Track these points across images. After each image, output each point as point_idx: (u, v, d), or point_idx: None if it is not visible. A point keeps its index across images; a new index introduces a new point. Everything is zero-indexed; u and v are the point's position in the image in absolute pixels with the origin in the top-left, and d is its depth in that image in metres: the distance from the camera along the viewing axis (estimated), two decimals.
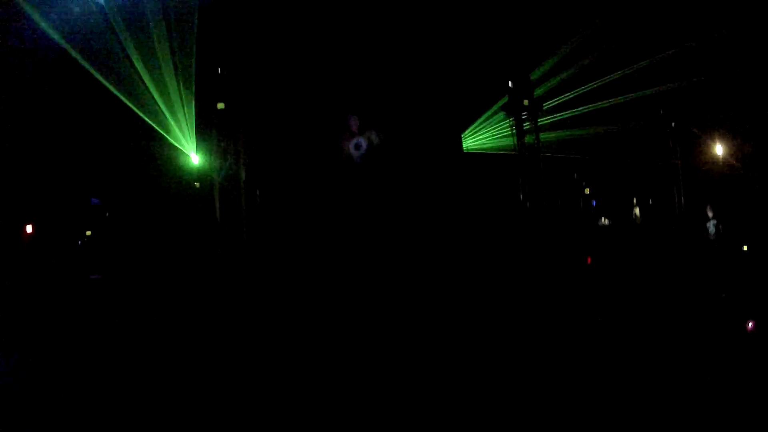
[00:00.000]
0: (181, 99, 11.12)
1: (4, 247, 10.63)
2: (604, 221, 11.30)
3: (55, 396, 5.86)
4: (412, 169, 11.59)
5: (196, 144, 11.20)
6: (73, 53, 10.36)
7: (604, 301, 8.21)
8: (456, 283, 9.51)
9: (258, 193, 11.73)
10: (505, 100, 11.32)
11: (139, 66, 10.86)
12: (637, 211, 11.29)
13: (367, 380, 5.80)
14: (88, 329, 8.40)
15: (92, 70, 10.61)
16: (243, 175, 11.58)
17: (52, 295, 10.02)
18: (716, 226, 10.54)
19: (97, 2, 10.48)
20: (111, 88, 10.70)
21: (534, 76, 11.24)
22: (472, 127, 11.86)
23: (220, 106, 11.31)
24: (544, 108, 11.14)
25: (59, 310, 9.36)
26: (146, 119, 11.04)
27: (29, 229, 11.01)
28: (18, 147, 10.73)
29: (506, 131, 11.43)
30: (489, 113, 11.68)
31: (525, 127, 11.12)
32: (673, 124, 10.76)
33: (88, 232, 11.43)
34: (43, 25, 10.34)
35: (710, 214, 10.53)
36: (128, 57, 10.75)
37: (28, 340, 8.00)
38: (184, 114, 11.18)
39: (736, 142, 10.53)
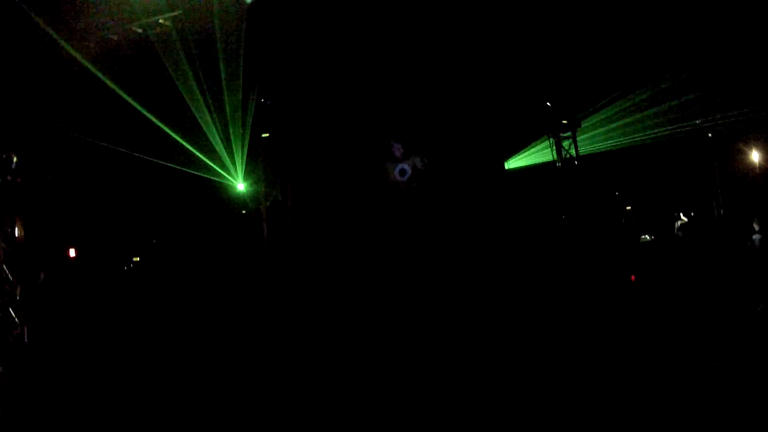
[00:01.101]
0: (230, 129, 11.46)
1: (51, 270, 10.82)
2: (646, 237, 11.33)
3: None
4: (457, 193, 11.73)
5: (244, 172, 11.50)
6: (120, 81, 10.76)
7: (648, 318, 8.20)
8: (501, 305, 9.50)
9: (304, 219, 11.90)
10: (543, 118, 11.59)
11: (186, 95, 11.24)
12: (678, 224, 11.31)
13: (415, 398, 5.90)
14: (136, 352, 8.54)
15: (137, 103, 11.02)
16: (289, 202, 11.81)
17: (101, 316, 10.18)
18: (762, 239, 10.51)
19: (146, 35, 10.93)
20: (152, 117, 11.07)
21: (571, 94, 11.48)
22: (515, 154, 12.08)
23: (265, 135, 11.64)
24: (583, 125, 11.37)
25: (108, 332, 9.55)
26: (195, 150, 11.39)
27: (72, 252, 11.23)
28: (70, 173, 11.05)
29: (547, 149, 11.63)
30: (531, 140, 11.91)
31: (564, 146, 11.34)
32: (710, 134, 10.87)
33: (136, 258, 11.62)
34: (96, 58, 10.76)
35: (756, 227, 10.53)
36: (175, 87, 11.16)
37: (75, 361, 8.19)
38: (233, 144, 11.50)
39: None
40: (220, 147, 11.61)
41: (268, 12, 11.43)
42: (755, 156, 10.73)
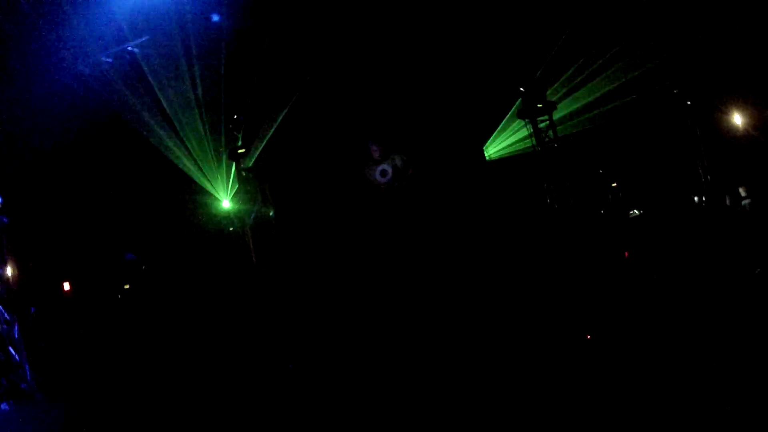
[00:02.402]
0: (212, 146, 11.53)
1: (46, 305, 10.96)
2: (635, 212, 11.11)
3: None
4: (440, 189, 11.63)
5: (230, 191, 11.56)
6: (106, 106, 10.91)
7: (647, 295, 7.98)
8: (494, 298, 9.34)
9: (288, 231, 11.88)
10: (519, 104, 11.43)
11: (168, 115, 11.34)
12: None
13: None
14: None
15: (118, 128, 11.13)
16: (272, 214, 11.80)
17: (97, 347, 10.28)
18: (752, 203, 10.25)
19: (130, 53, 11.04)
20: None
21: (544, 74, 11.32)
22: (492, 138, 11.93)
23: (241, 150, 11.64)
24: (558, 106, 11.20)
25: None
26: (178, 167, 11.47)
27: (66, 286, 11.37)
28: (51, 205, 11.18)
29: (525, 134, 11.46)
30: (506, 121, 11.77)
31: (541, 127, 11.16)
32: (688, 102, 10.59)
33: (126, 286, 11.68)
34: (72, 75, 10.88)
35: (743, 193, 10.27)
36: (158, 106, 11.26)
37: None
38: (217, 162, 11.58)
39: (757, 112, 10.32)
40: (202, 166, 11.69)
41: (237, 25, 11.51)
42: (737, 119, 10.44)
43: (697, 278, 8.06)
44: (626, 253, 10.50)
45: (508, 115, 11.79)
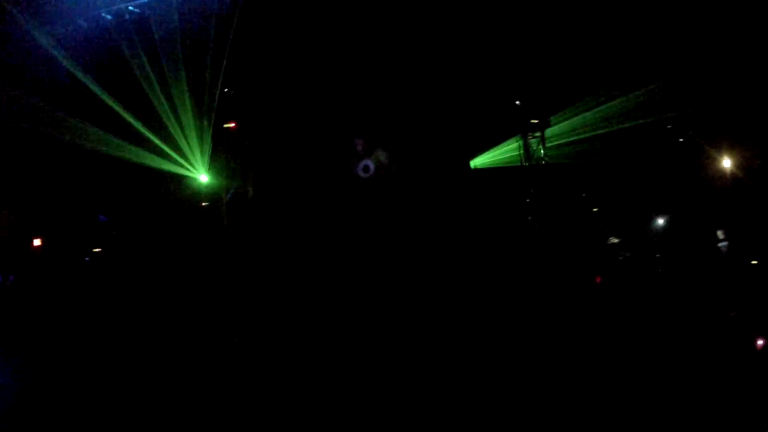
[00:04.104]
0: (193, 119, 11.31)
1: (15, 260, 10.83)
2: (614, 240, 11.11)
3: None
4: (421, 190, 11.54)
5: (207, 164, 11.37)
6: (83, 70, 10.65)
7: (613, 318, 8.02)
8: (464, 302, 9.36)
9: (265, 212, 11.76)
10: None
11: (149, 85, 11.11)
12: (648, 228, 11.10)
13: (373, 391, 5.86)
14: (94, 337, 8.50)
15: (98, 89, 10.89)
16: (251, 194, 11.67)
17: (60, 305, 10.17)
18: (728, 246, 10.29)
19: (107, 18, 10.79)
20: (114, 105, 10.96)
21: (541, 94, 11.24)
22: (481, 153, 11.87)
23: (229, 125, 11.48)
24: (552, 125, 11.13)
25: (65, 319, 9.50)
26: (156, 139, 11.26)
27: (37, 242, 11.21)
28: (27, 162, 10.98)
29: (514, 149, 11.41)
30: (496, 133, 11.70)
31: (532, 146, 11.11)
32: (681, 139, 10.62)
33: (96, 249, 11.53)
34: (50, 40, 10.62)
35: (721, 236, 10.30)
36: (139, 76, 11.02)
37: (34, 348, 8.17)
38: (195, 134, 11.36)
39: (745, 156, 10.35)
40: (182, 138, 11.48)
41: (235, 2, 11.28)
42: (725, 162, 10.46)
43: (667, 314, 8.06)
44: (598, 278, 10.54)
45: (501, 131, 11.66)
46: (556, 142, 11.46)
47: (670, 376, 5.68)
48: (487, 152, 11.87)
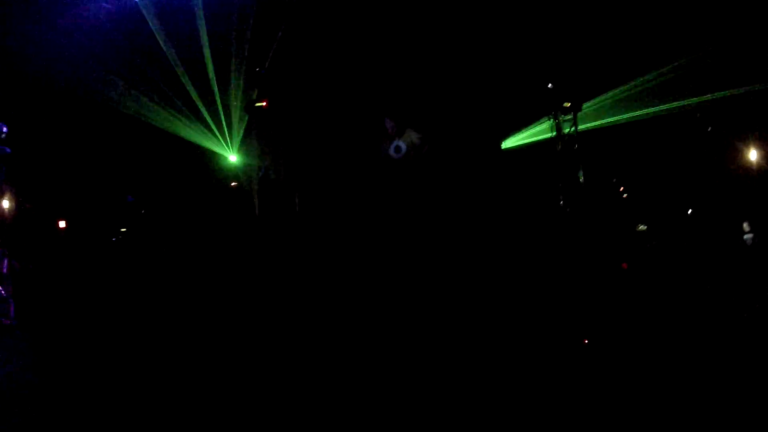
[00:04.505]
0: (223, 99, 11.03)
1: (41, 242, 10.57)
2: (642, 227, 11.43)
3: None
4: (453, 171, 11.59)
5: (238, 145, 11.17)
6: (114, 53, 10.25)
7: (637, 307, 8.25)
8: (494, 286, 9.56)
9: (297, 193, 11.67)
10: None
11: (178, 65, 10.75)
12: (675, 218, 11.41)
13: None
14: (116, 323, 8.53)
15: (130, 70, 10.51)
16: (282, 175, 11.54)
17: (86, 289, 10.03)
18: (754, 239, 10.58)
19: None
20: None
21: (574, 76, 11.26)
22: (512, 135, 11.91)
23: (259, 104, 11.22)
24: (584, 109, 11.22)
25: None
26: (186, 119, 10.98)
27: (62, 224, 10.96)
28: (55, 144, 10.61)
29: (545, 131, 11.50)
30: (528, 114, 11.73)
31: (564, 130, 11.21)
32: (709, 128, 10.86)
33: (123, 229, 11.33)
34: (77, 21, 10.15)
35: (747, 228, 10.65)
36: (168, 56, 10.64)
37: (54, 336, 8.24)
38: (226, 114, 11.11)
39: None
40: (212, 117, 11.23)
41: None
42: (752, 154, 10.78)
43: (691, 304, 8.27)
44: (624, 264, 10.86)
45: (531, 109, 11.69)
46: (588, 125, 11.56)
47: (689, 368, 5.82)
48: (518, 133, 11.92)
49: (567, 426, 4.79)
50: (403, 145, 11.26)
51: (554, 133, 11.36)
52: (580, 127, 11.32)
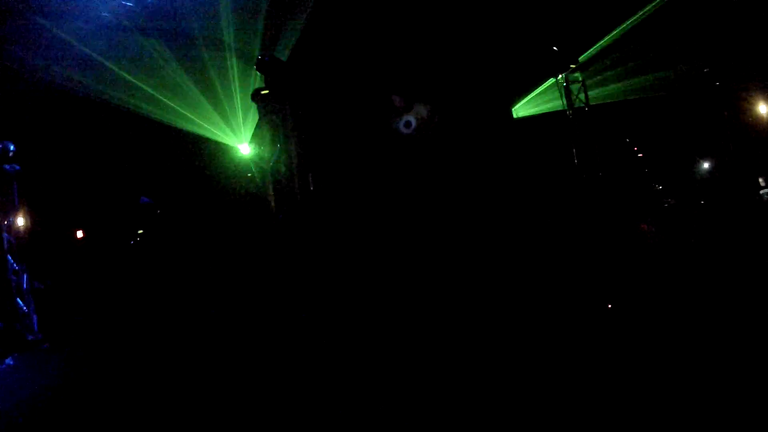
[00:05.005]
0: (231, 91, 10.78)
1: (58, 252, 10.46)
2: (657, 187, 11.53)
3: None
4: (465, 142, 11.50)
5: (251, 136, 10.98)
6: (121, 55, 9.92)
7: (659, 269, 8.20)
8: (513, 258, 9.56)
9: (311, 178, 11.52)
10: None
11: (183, 59, 10.45)
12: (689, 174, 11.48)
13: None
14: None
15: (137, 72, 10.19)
16: (295, 162, 11.36)
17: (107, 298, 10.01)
18: None
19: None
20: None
21: (579, 38, 11.13)
22: (521, 99, 11.79)
23: (265, 92, 10.95)
24: (590, 69, 11.14)
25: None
26: (195, 114, 10.74)
27: (80, 234, 10.83)
28: (64, 152, 10.37)
29: (556, 97, 11.43)
30: (536, 79, 11.61)
31: (573, 91, 11.15)
32: (717, 83, 10.88)
33: (140, 231, 11.19)
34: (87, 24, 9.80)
35: (762, 183, 10.78)
36: (174, 51, 10.32)
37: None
38: (235, 106, 10.86)
39: None
40: (222, 110, 11.01)
41: None
42: (762, 108, 10.85)
43: (711, 263, 8.25)
44: (644, 226, 10.96)
45: (538, 74, 11.57)
46: (597, 87, 11.51)
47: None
48: (527, 99, 11.83)
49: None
50: (413, 120, 11.14)
51: (563, 99, 11.30)
52: (591, 93, 11.29)
